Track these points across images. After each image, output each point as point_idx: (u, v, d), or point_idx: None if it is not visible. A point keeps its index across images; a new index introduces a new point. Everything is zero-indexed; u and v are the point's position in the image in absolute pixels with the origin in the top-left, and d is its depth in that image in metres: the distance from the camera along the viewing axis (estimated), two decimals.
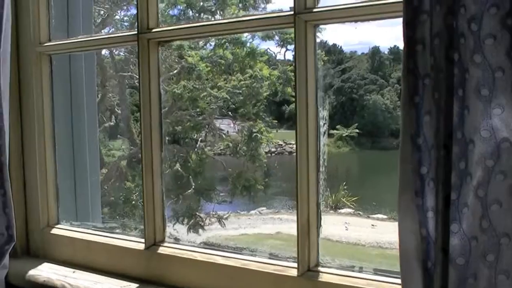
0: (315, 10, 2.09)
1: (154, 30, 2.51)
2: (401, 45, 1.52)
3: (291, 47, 14.90)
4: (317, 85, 2.21)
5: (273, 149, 17.70)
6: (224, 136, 14.72)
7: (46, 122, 2.99)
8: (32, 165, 3.03)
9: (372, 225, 18.12)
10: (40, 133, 2.97)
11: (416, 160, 1.56)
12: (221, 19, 3.14)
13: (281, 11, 2.28)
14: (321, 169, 2.32)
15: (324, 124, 2.39)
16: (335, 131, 36.59)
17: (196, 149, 13.08)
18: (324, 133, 2.43)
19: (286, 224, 18.48)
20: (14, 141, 2.88)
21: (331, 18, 2.13)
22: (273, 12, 2.38)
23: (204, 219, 13.18)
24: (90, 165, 3.22)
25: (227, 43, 13.66)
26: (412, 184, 1.56)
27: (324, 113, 2.39)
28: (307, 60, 2.14)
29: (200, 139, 13.95)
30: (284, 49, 14.58)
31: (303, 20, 2.05)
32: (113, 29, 14.04)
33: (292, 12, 2.10)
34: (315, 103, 2.18)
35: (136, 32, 2.53)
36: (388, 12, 1.94)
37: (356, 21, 2.16)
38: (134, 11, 13.45)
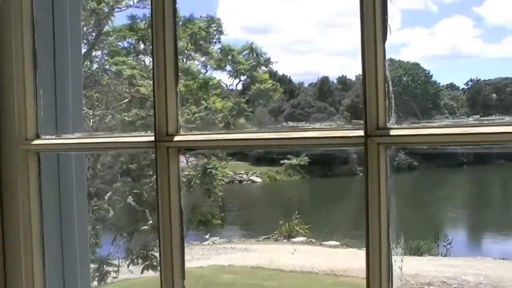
0: (390, 133, 1.96)
1: (176, 139, 2.28)
2: (349, 74, 1.71)
3: (243, 77, 15.07)
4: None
5: (224, 179, 17.77)
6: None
7: (34, 227, 2.77)
8: (17, 275, 2.75)
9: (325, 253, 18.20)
10: (26, 235, 2.75)
11: None
12: (265, 132, 2.67)
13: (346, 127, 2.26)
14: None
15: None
16: (286, 160, 37.02)
17: (151, 183, 12.94)
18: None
19: (239, 253, 18.49)
20: None
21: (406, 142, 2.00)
22: (340, 128, 2.23)
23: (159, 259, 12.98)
24: (81, 276, 3.01)
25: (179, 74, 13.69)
26: None
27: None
28: None
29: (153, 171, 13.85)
30: (237, 80, 14.77)
31: (375, 143, 1.94)
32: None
33: (362, 134, 1.96)
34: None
35: (153, 139, 2.30)
36: None
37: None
38: None
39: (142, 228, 12.74)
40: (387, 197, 1.91)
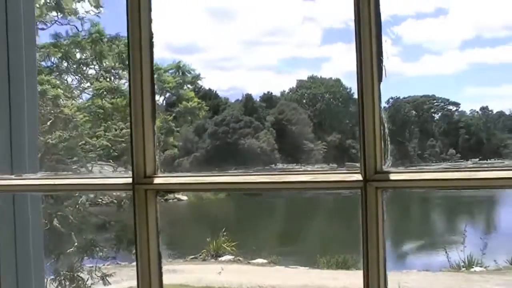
0: (390, 177, 1.97)
1: (155, 182, 2.18)
2: (274, 90, 1.72)
3: (168, 95, 14.96)
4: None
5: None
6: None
7: None
8: None
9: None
10: None
11: None
12: (256, 174, 2.19)
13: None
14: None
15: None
16: None
17: (77, 205, 12.61)
18: None
19: (166, 274, 18.15)
20: None
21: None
22: (335, 171, 2.21)
23: (86, 280, 12.69)
24: None
25: (105, 92, 13.45)
26: None
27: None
28: None
29: (78, 193, 13.51)
30: (162, 97, 14.64)
31: (373, 187, 1.96)
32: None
33: (361, 178, 1.97)
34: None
35: (131, 181, 2.19)
36: None
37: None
38: None
39: (68, 250, 12.40)
40: (384, 237, 1.97)
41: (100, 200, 14.55)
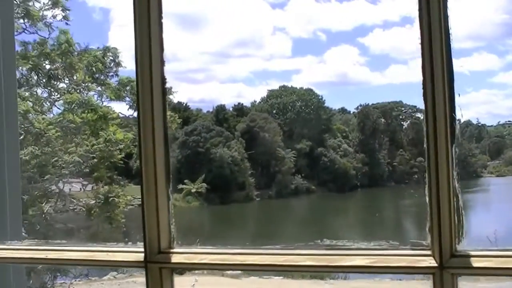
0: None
1: (173, 260, 1.94)
2: (244, 101, 1.68)
3: None
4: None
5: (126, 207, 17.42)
6: (75, 201, 14.31)
7: None
8: None
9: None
10: None
11: None
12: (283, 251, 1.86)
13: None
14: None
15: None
16: (184, 186, 36.74)
17: (44, 216, 12.47)
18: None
19: (139, 287, 18.03)
20: None
21: None
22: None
23: None
24: None
25: (76, 107, 13.32)
26: None
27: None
28: None
29: (49, 206, 13.39)
30: (136, 112, 14.50)
31: (450, 274, 1.70)
32: None
33: (435, 264, 1.71)
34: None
35: (143, 258, 1.93)
36: None
37: None
38: None
39: (39, 267, 12.19)
40: None
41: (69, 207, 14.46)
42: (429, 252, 1.71)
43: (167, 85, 1.91)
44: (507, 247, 1.69)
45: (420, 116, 55.62)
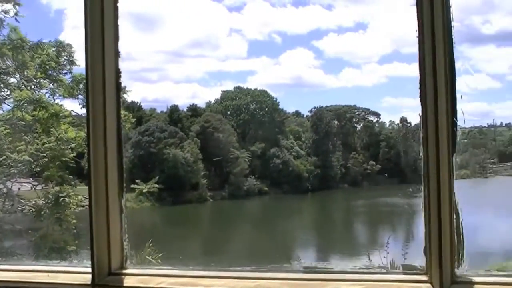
0: None
1: (126, 284, 1.69)
2: (198, 102, 1.53)
3: None
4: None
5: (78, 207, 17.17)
6: (24, 201, 13.97)
7: None
8: None
9: None
10: None
11: None
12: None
13: None
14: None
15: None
16: (136, 186, 36.31)
17: None
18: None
19: None
20: None
21: None
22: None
23: None
24: None
25: (25, 104, 13.00)
26: None
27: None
28: None
29: None
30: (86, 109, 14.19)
31: None
32: None
33: None
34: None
35: (90, 281, 1.66)
36: None
37: None
38: None
39: None
40: None
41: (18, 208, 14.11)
42: (425, 278, 1.49)
43: (122, 85, 1.78)
44: (509, 271, 1.56)
45: (373, 119, 56.39)
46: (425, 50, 1.64)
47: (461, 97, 1.53)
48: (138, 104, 44.86)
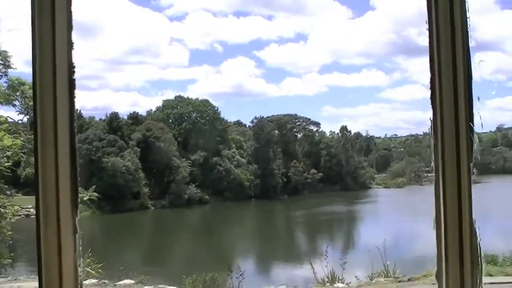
0: None
1: None
2: (139, 110, 1.37)
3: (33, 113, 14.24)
4: None
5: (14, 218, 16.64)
6: None
7: None
8: None
9: None
10: None
11: None
12: None
13: None
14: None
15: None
16: None
17: None
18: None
19: None
20: None
21: None
22: None
23: None
24: None
25: None
26: None
27: None
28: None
29: None
30: (26, 117, 13.87)
31: None
32: None
33: None
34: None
35: None
36: None
37: None
38: None
39: None
40: None
41: None
42: None
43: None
44: None
45: (313, 128, 56.99)
46: (440, 56, 1.49)
47: (478, 98, 1.45)
48: (78, 111, 44.00)
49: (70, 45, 1.52)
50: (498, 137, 67.17)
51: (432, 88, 1.49)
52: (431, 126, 1.47)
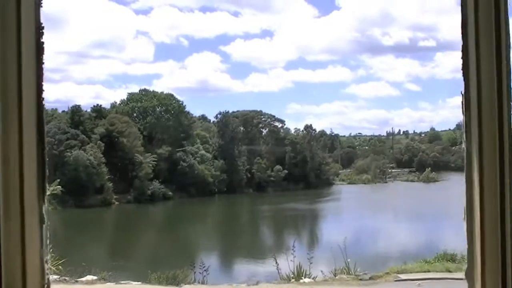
0: None
1: None
2: (103, 103, 1.32)
3: None
4: None
5: None
6: None
7: None
8: None
9: None
10: None
11: None
12: None
13: None
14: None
15: None
16: None
17: None
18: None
19: None
20: None
21: None
22: None
23: None
24: None
25: None
26: None
27: None
28: None
29: None
30: None
31: None
32: None
33: None
34: None
35: None
36: None
37: None
38: None
39: None
40: None
41: None
42: None
43: None
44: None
45: (278, 124, 57.11)
46: (480, 54, 1.39)
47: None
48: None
49: (37, 4, 1.28)
50: None
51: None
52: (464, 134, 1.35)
